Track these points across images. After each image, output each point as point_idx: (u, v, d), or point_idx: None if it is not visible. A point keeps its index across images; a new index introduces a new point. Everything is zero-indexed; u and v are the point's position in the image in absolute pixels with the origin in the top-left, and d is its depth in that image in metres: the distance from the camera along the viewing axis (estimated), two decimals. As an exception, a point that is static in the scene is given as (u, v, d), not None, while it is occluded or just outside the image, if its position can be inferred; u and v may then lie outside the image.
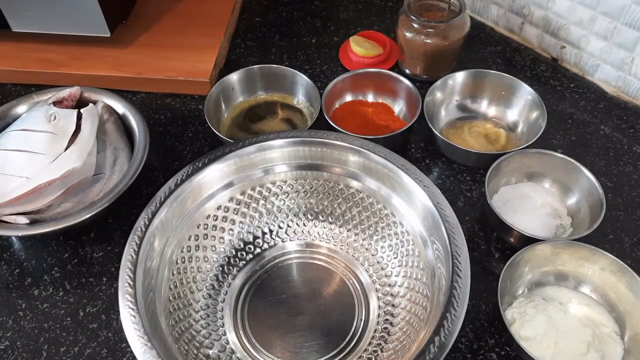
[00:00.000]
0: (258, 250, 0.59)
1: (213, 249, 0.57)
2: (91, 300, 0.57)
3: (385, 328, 0.53)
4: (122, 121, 0.67)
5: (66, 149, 0.60)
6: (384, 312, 0.54)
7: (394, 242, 0.56)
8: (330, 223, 0.60)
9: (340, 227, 0.60)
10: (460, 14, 0.69)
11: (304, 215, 0.60)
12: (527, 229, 0.55)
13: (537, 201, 0.60)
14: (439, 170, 0.66)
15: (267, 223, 0.60)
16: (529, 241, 0.54)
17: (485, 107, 0.70)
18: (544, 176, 0.62)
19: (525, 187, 0.62)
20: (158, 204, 0.52)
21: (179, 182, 0.53)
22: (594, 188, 0.57)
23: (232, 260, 0.58)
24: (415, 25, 0.70)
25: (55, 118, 0.62)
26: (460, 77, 0.69)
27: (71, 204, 0.60)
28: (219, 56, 0.78)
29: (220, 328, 0.54)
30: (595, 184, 0.57)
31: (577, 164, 0.59)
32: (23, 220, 0.57)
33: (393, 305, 0.54)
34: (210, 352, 0.52)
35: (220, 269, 0.57)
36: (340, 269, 0.58)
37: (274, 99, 0.74)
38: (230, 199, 0.58)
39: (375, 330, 0.53)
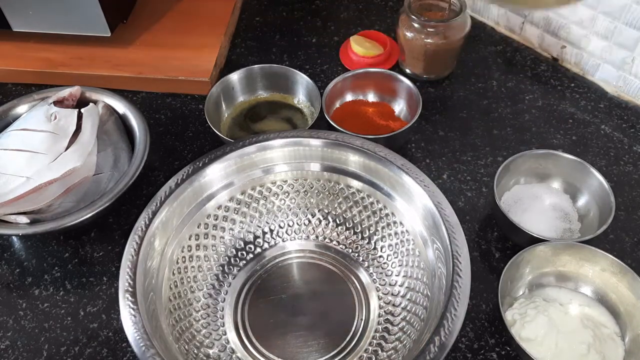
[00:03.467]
0: (258, 249, 0.59)
1: (213, 248, 0.57)
2: (91, 300, 0.57)
3: (386, 328, 0.53)
4: (122, 121, 0.67)
5: (67, 148, 0.60)
6: (384, 312, 0.54)
7: (394, 241, 0.56)
8: (331, 223, 0.60)
9: (340, 226, 0.60)
10: (461, 14, 0.69)
11: (304, 215, 0.60)
12: (534, 230, 0.55)
13: (546, 202, 0.60)
14: (439, 170, 0.66)
15: (267, 223, 0.60)
16: (534, 241, 0.54)
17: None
18: (555, 177, 0.62)
19: (535, 188, 0.61)
20: (158, 204, 0.52)
21: (179, 181, 0.53)
22: (605, 193, 0.57)
23: (232, 259, 0.58)
24: (416, 25, 0.70)
25: (55, 118, 0.62)
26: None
27: (72, 204, 0.60)
28: (220, 56, 0.78)
29: (221, 328, 0.54)
30: (606, 188, 0.57)
31: (590, 167, 0.58)
32: (23, 219, 0.57)
33: (393, 305, 0.54)
34: (211, 351, 0.52)
35: (221, 268, 0.57)
36: (340, 268, 0.58)
37: (275, 99, 0.74)
38: (231, 199, 0.58)
39: (375, 330, 0.53)
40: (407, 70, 0.76)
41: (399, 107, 0.71)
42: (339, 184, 0.58)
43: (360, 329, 0.54)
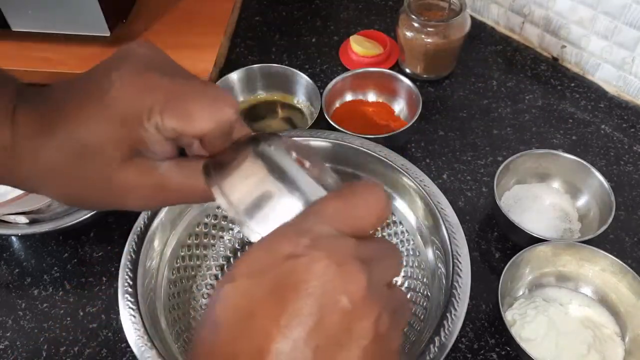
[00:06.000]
0: (258, 250, 0.59)
1: (213, 248, 0.57)
2: (91, 300, 0.57)
3: (386, 328, 0.53)
4: (122, 120, 0.67)
5: (66, 148, 0.60)
6: (384, 312, 0.54)
7: (394, 242, 0.56)
8: (331, 223, 0.60)
9: (340, 227, 0.60)
10: (461, 13, 0.69)
11: (304, 215, 0.60)
12: (534, 230, 0.55)
13: (546, 202, 0.60)
14: (439, 170, 0.66)
15: (267, 223, 0.60)
16: (534, 241, 0.54)
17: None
18: (555, 177, 0.62)
19: (535, 188, 0.61)
20: (158, 204, 0.51)
21: (178, 181, 0.53)
22: (605, 193, 0.57)
23: (232, 259, 0.58)
24: (416, 25, 0.70)
25: (54, 117, 0.62)
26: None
27: (71, 204, 0.60)
28: (219, 55, 0.78)
29: (220, 328, 0.54)
30: (606, 188, 0.57)
31: (590, 167, 0.58)
32: (23, 219, 0.57)
33: (393, 305, 0.54)
34: (210, 352, 0.51)
35: (220, 268, 0.57)
36: (340, 268, 0.58)
37: (274, 99, 0.74)
38: (230, 199, 0.58)
39: (375, 331, 0.53)
40: (407, 70, 0.76)
41: (399, 107, 0.70)
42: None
43: (360, 329, 0.54)
